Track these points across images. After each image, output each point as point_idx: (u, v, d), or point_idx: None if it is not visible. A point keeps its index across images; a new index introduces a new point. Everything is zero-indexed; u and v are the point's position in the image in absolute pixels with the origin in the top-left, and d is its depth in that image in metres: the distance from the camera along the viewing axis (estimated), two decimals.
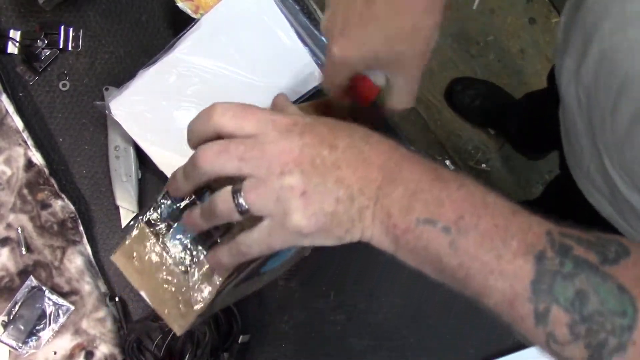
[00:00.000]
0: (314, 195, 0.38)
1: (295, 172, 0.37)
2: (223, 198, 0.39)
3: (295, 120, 0.40)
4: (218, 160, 0.38)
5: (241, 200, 0.38)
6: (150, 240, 0.47)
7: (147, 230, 0.47)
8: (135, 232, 0.47)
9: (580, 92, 0.58)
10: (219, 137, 0.40)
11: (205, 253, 0.46)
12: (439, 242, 0.38)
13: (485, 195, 0.39)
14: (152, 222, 0.47)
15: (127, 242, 0.47)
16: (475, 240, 0.37)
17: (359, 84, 0.51)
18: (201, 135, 0.41)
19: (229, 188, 0.39)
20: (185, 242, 0.46)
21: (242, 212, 0.38)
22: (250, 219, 0.40)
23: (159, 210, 0.47)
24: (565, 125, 0.68)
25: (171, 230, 0.47)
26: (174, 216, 0.46)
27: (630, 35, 0.50)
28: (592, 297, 0.36)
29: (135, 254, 0.47)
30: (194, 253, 0.46)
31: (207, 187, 0.44)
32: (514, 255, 0.36)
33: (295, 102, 0.68)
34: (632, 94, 0.50)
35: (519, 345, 0.68)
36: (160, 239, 0.47)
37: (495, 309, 0.38)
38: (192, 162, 0.40)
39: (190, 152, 0.47)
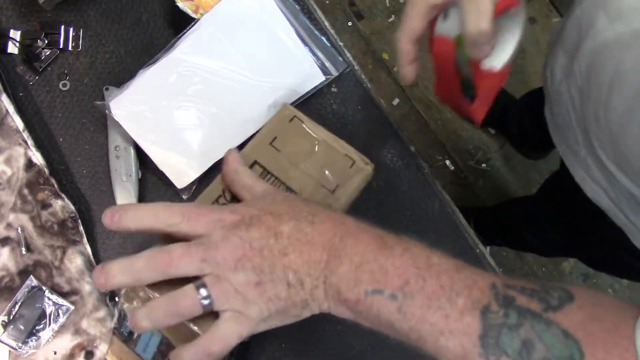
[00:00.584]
0: (267, 284, 0.41)
1: (247, 267, 0.41)
2: (187, 294, 0.41)
3: (241, 215, 0.42)
4: (181, 263, 0.41)
5: (205, 294, 0.41)
6: (125, 349, 0.49)
7: (119, 341, 0.49)
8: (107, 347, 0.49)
9: (573, 88, 0.58)
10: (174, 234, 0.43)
11: None
12: (388, 309, 0.40)
13: (429, 257, 0.40)
14: (118, 331, 0.48)
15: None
16: (423, 303, 0.39)
17: (436, 46, 0.51)
18: (160, 231, 0.43)
19: (190, 286, 0.41)
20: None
21: (206, 306, 0.41)
22: (198, 321, 0.43)
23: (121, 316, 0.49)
24: (557, 120, 0.68)
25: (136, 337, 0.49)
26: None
27: (620, 29, 0.50)
28: (538, 345, 0.36)
29: None
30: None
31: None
32: (461, 313, 0.38)
33: (295, 101, 0.68)
34: (623, 89, 0.51)
35: None
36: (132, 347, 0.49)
37: None
38: (155, 263, 0.41)
39: (193, 154, 0.48)
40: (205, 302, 0.41)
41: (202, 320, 0.43)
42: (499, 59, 0.51)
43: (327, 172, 0.54)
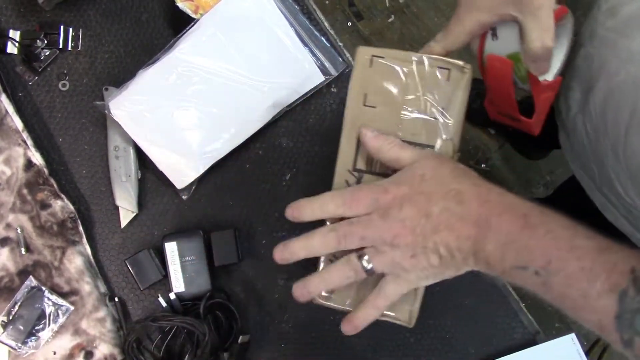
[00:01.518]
0: (421, 256, 0.46)
1: (402, 244, 0.46)
2: (351, 264, 0.48)
3: (393, 195, 0.47)
4: (346, 241, 0.48)
5: (367, 264, 0.47)
6: None
7: None
8: None
9: (588, 124, 0.58)
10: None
11: None
12: (532, 282, 0.44)
13: (572, 238, 0.43)
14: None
15: None
16: (563, 282, 0.42)
17: (491, 65, 0.52)
18: (316, 217, 0.50)
19: (352, 256, 0.48)
20: None
21: (368, 272, 0.48)
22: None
23: None
24: (574, 148, 0.67)
25: None
26: None
27: (633, 71, 0.50)
28: None
29: None
30: None
31: None
32: (599, 295, 0.41)
33: (294, 101, 0.68)
34: None
35: (519, 345, 0.68)
36: None
37: (591, 330, 0.43)
38: (327, 241, 0.49)
39: (193, 154, 0.47)
40: (368, 266, 0.47)
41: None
42: (551, 70, 0.52)
43: (428, 102, 0.52)
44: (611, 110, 0.54)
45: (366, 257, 0.47)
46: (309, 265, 0.69)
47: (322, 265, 0.53)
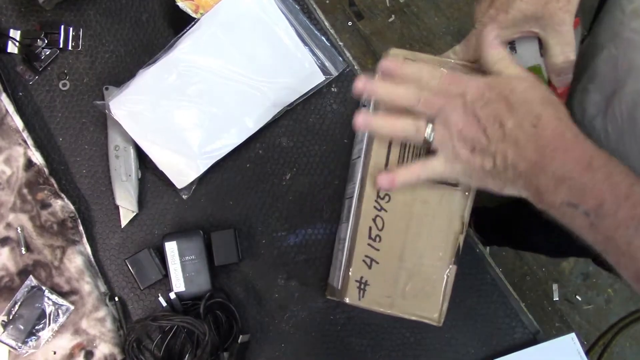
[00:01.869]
0: (479, 154, 0.48)
1: (469, 135, 0.48)
2: (418, 122, 0.50)
3: (481, 93, 0.48)
4: (425, 103, 0.49)
5: (430, 131, 0.49)
6: None
7: None
8: None
9: (611, 126, 0.58)
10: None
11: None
12: (580, 221, 0.45)
13: (631, 185, 0.43)
14: None
15: None
16: (612, 226, 0.43)
17: None
18: (412, 78, 0.51)
19: (423, 121, 0.50)
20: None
21: (426, 139, 0.50)
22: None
23: None
24: None
25: None
26: None
27: None
28: None
29: None
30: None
31: None
32: None
33: (295, 101, 0.68)
34: None
35: (519, 345, 0.68)
36: None
37: (626, 279, 0.45)
38: (410, 89, 0.50)
39: (193, 154, 0.47)
40: (431, 134, 0.49)
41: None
42: None
43: None
44: None
45: (432, 127, 0.49)
46: (309, 266, 0.69)
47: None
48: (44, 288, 0.66)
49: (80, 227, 0.67)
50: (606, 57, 0.58)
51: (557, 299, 1.53)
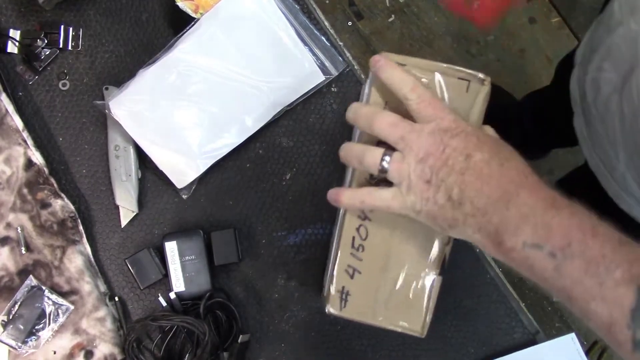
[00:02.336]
0: (433, 186, 0.45)
1: (428, 164, 0.45)
2: (374, 155, 0.48)
3: (456, 125, 0.46)
4: (387, 130, 0.47)
5: (386, 164, 0.47)
6: None
7: None
8: None
9: (627, 105, 0.56)
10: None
11: None
12: (544, 265, 0.41)
13: (596, 225, 0.41)
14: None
15: None
16: (580, 267, 0.40)
17: None
18: (390, 82, 0.50)
19: (380, 150, 0.48)
20: None
21: (382, 171, 0.47)
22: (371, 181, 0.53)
23: None
24: (595, 135, 0.65)
25: None
26: None
27: None
28: None
29: None
30: None
31: None
32: (617, 283, 0.39)
33: (295, 101, 0.68)
34: None
35: (519, 345, 0.68)
36: None
37: (595, 331, 0.41)
38: (370, 120, 0.49)
39: (193, 154, 0.47)
40: (384, 166, 0.47)
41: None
42: None
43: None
44: None
45: (388, 159, 0.47)
46: (309, 266, 0.69)
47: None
48: (44, 288, 0.66)
49: (80, 227, 0.67)
50: (624, 33, 0.55)
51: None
